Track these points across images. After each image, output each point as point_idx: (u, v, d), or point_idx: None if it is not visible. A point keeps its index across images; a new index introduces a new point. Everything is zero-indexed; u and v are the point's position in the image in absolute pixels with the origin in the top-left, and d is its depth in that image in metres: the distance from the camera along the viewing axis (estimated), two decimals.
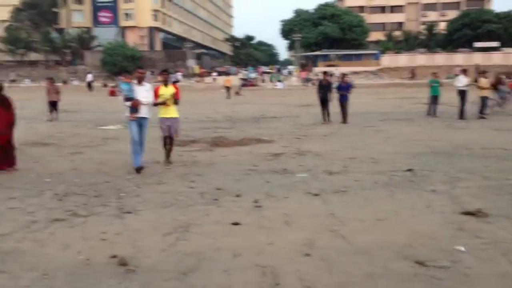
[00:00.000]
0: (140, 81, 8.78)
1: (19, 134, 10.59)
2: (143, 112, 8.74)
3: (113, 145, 12.09)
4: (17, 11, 78.38)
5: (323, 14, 79.69)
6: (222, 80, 44.69)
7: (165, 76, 9.46)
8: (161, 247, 4.83)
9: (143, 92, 8.68)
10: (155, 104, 9.10)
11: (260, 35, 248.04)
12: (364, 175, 8.20)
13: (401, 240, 5.00)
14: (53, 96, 18.74)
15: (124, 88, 8.74)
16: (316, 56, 73.12)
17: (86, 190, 7.29)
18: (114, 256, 4.54)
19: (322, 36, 76.54)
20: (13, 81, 48.98)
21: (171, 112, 9.26)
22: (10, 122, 8.93)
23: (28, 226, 5.50)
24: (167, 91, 9.18)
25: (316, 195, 6.87)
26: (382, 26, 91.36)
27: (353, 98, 18.43)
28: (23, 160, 9.75)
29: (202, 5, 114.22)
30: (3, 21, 78.56)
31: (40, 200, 6.72)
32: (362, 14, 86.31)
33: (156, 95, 9.04)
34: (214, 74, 62.79)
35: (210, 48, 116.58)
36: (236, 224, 5.56)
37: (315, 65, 69.09)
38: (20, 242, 4.98)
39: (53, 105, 18.67)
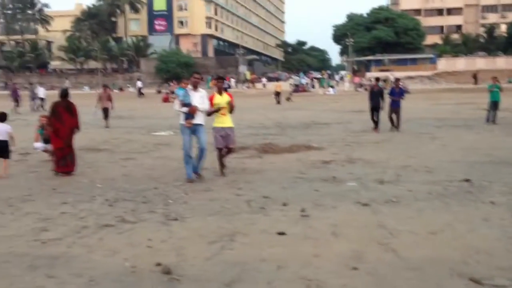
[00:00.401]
0: (195, 86, 8.51)
1: (76, 140, 10.96)
2: (198, 118, 8.44)
3: (164, 151, 12.28)
4: (78, 21, 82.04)
5: (376, 18, 78.34)
6: (272, 85, 44.60)
7: (220, 84, 9.10)
8: (205, 256, 4.79)
9: (198, 98, 8.40)
10: (209, 114, 8.67)
11: (312, 41, 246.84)
12: (418, 184, 7.87)
13: (456, 255, 4.72)
14: (106, 103, 19.05)
15: (180, 94, 8.43)
16: (369, 61, 71.91)
17: (135, 196, 7.40)
18: (159, 264, 4.54)
19: (376, 41, 75.19)
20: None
21: (227, 121, 8.79)
22: (74, 127, 9.46)
23: (79, 231, 5.62)
24: (222, 99, 8.76)
25: (365, 205, 6.65)
26: (439, 29, 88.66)
27: (408, 103, 17.93)
28: (79, 165, 10.06)
29: (254, 11, 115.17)
30: (65, 31, 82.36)
31: (91, 205, 6.87)
32: (418, 17, 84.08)
33: (211, 104, 8.64)
34: (264, 80, 62.99)
35: (262, 54, 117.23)
36: (282, 234, 5.45)
37: (368, 70, 67.97)
38: (70, 247, 5.08)
39: (105, 112, 19.00)
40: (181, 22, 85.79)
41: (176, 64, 64.80)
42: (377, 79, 17.67)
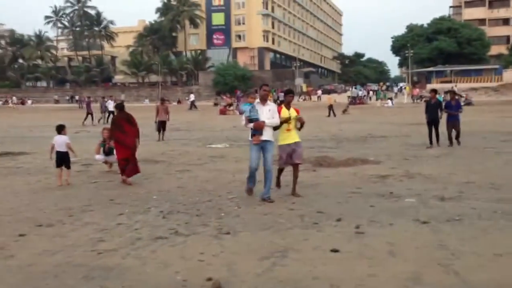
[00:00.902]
0: (264, 99, 7.84)
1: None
2: (267, 134, 7.77)
3: (219, 164, 12.36)
4: (140, 37, 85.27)
5: (438, 29, 76.16)
6: (325, 98, 44.04)
7: (290, 98, 8.30)
8: (256, 272, 4.70)
9: (267, 113, 7.75)
10: (276, 128, 7.97)
11: (370, 52, 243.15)
12: (482, 202, 7.44)
13: None
14: (163, 116, 18.95)
15: (246, 109, 7.84)
16: (430, 72, 69.85)
17: (189, 208, 7.44)
18: (210, 279, 4.49)
19: (437, 51, 73.05)
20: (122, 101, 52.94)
21: (293, 137, 8.10)
22: (136, 137, 9.97)
23: (133, 243, 5.69)
24: (290, 114, 8.07)
25: (425, 222, 6.34)
26: (505, 39, 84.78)
27: (471, 116, 17.13)
28: (136, 176, 10.32)
29: (311, 24, 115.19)
30: (128, 46, 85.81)
31: (146, 217, 6.98)
32: (482, 27, 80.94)
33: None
34: (319, 92, 62.59)
35: (319, 66, 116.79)
36: (335, 251, 5.28)
37: (429, 82, 66.02)
38: (124, 259, 5.15)
39: (162, 125, 18.82)
40: (239, 36, 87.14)
41: (233, 77, 65.75)
42: (435, 91, 16.44)
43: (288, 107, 8.17)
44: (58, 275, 4.68)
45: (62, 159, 9.64)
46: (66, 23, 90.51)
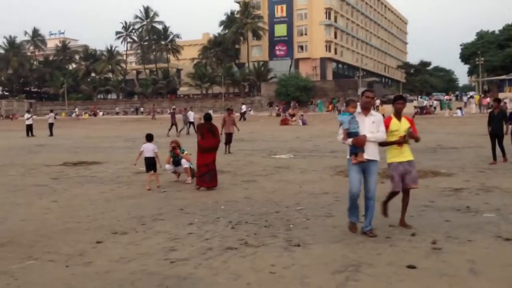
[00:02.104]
0: (367, 109, 6.41)
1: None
2: (371, 152, 6.30)
3: (285, 174, 12.30)
4: (204, 49, 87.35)
5: (510, 35, 72.47)
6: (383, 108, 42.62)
7: (401, 106, 6.72)
8: (330, 286, 4.59)
9: (370, 125, 6.32)
10: (383, 144, 6.54)
11: (437, 61, 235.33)
12: None
13: None
14: (230, 128, 18.47)
15: (345, 120, 6.32)
16: (502, 80, 66.51)
17: (257, 219, 7.43)
18: None
19: (510, 59, 69.44)
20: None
21: (405, 154, 6.67)
22: (215, 146, 10.63)
23: (204, 253, 5.74)
24: (401, 126, 6.62)
25: (508, 240, 5.96)
26: None
27: None
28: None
29: (375, 34, 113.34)
30: (193, 59, 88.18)
31: (215, 227, 7.03)
32: None
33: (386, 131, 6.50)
34: (377, 102, 61.11)
35: (382, 76, 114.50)
36: (412, 267, 5.06)
37: (501, 91, 62.81)
38: (196, 268, 5.20)
39: (229, 137, 18.26)
40: (301, 47, 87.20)
41: (295, 88, 65.65)
42: (498, 101, 14.74)
43: (399, 118, 6.69)
44: (134, 283, 4.79)
45: (150, 164, 10.62)
46: (135, 38, 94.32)
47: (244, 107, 51.61)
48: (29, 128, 31.29)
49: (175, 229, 6.93)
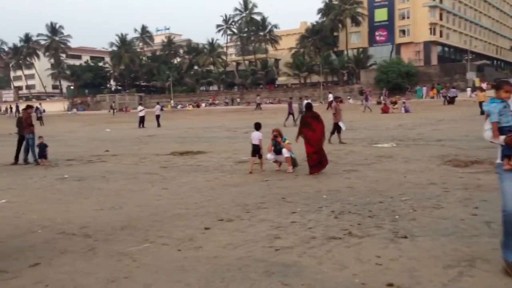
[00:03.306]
0: None
1: (300, 150, 11.51)
2: None
3: (387, 164, 11.94)
4: (302, 38, 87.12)
5: None
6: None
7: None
8: (442, 281, 4.38)
9: None
10: None
11: None
12: None
13: None
14: (339, 117, 17.78)
15: (494, 110, 4.67)
16: None
17: (360, 209, 7.30)
18: (391, 285, 4.32)
19: None
20: (259, 104, 53.62)
21: None
22: (323, 133, 11.15)
23: (308, 242, 5.76)
24: None
25: None
26: None
27: None
28: (306, 176, 10.53)
29: (485, 13, 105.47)
30: (291, 48, 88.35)
31: (318, 216, 7.02)
32: None
33: None
34: (483, 85, 56.70)
35: (494, 58, 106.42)
36: None
37: None
38: (301, 257, 5.23)
39: (337, 127, 17.63)
40: (403, 31, 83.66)
41: (397, 74, 63.23)
42: None
43: None
44: (241, 268, 4.94)
45: (255, 151, 11.45)
46: (235, 30, 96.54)
47: (331, 96, 50.56)
48: (141, 120, 33.39)
49: (278, 217, 7.02)
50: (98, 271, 5.03)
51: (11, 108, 67.82)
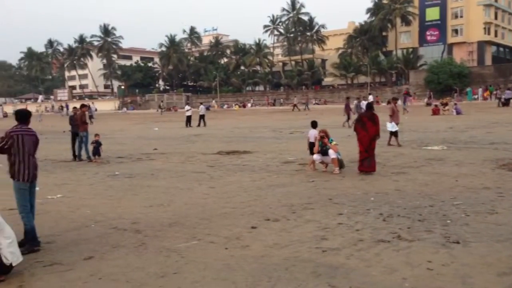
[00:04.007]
0: None
1: (347, 152, 11.39)
2: None
3: (437, 167, 11.62)
4: (350, 38, 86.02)
5: None
6: None
7: None
8: None
9: None
10: None
11: None
12: None
13: None
14: (396, 119, 17.13)
15: None
16: None
17: (410, 213, 7.14)
18: None
19: None
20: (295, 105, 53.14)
21: None
22: (375, 135, 11.06)
23: (355, 244, 5.69)
24: None
25: None
26: None
27: None
28: (353, 177, 10.41)
29: None
30: (338, 48, 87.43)
31: (365, 218, 6.92)
32: None
33: None
34: None
35: None
36: None
37: None
38: (348, 259, 5.18)
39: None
40: (455, 31, 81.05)
41: (448, 75, 61.32)
42: None
43: None
44: (288, 268, 4.94)
45: (312, 149, 11.81)
46: (282, 30, 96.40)
47: (371, 97, 49.39)
48: (188, 119, 33.96)
49: (325, 218, 6.98)
50: (149, 266, 5.16)
51: (66, 106, 70.52)
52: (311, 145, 12.03)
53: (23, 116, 6.13)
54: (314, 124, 12.46)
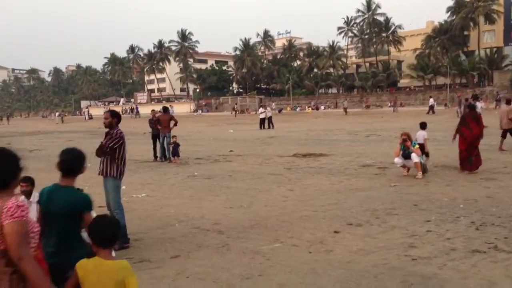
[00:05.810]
0: None
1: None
2: None
3: None
4: (428, 39, 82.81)
5: None
6: None
7: None
8: None
9: None
10: None
11: None
12: None
13: None
14: (509, 123, 15.77)
15: None
16: None
17: (505, 221, 6.68)
18: None
19: None
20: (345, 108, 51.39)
21: None
22: (478, 134, 11.33)
23: (447, 253, 5.39)
24: None
25: None
26: None
27: None
28: (437, 182, 9.94)
29: None
30: (415, 49, 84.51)
31: (455, 226, 6.55)
32: None
33: None
34: None
35: None
36: None
37: None
38: (441, 269, 4.91)
39: (507, 132, 15.98)
40: None
41: None
42: None
43: None
44: (376, 276, 4.76)
45: (421, 150, 11.18)
46: (356, 32, 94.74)
47: (431, 100, 46.72)
48: (262, 122, 34.19)
49: (411, 225, 6.68)
50: (233, 267, 5.17)
51: (136, 108, 73.92)
52: (421, 147, 11.43)
53: (120, 118, 6.45)
54: (423, 125, 12.18)
